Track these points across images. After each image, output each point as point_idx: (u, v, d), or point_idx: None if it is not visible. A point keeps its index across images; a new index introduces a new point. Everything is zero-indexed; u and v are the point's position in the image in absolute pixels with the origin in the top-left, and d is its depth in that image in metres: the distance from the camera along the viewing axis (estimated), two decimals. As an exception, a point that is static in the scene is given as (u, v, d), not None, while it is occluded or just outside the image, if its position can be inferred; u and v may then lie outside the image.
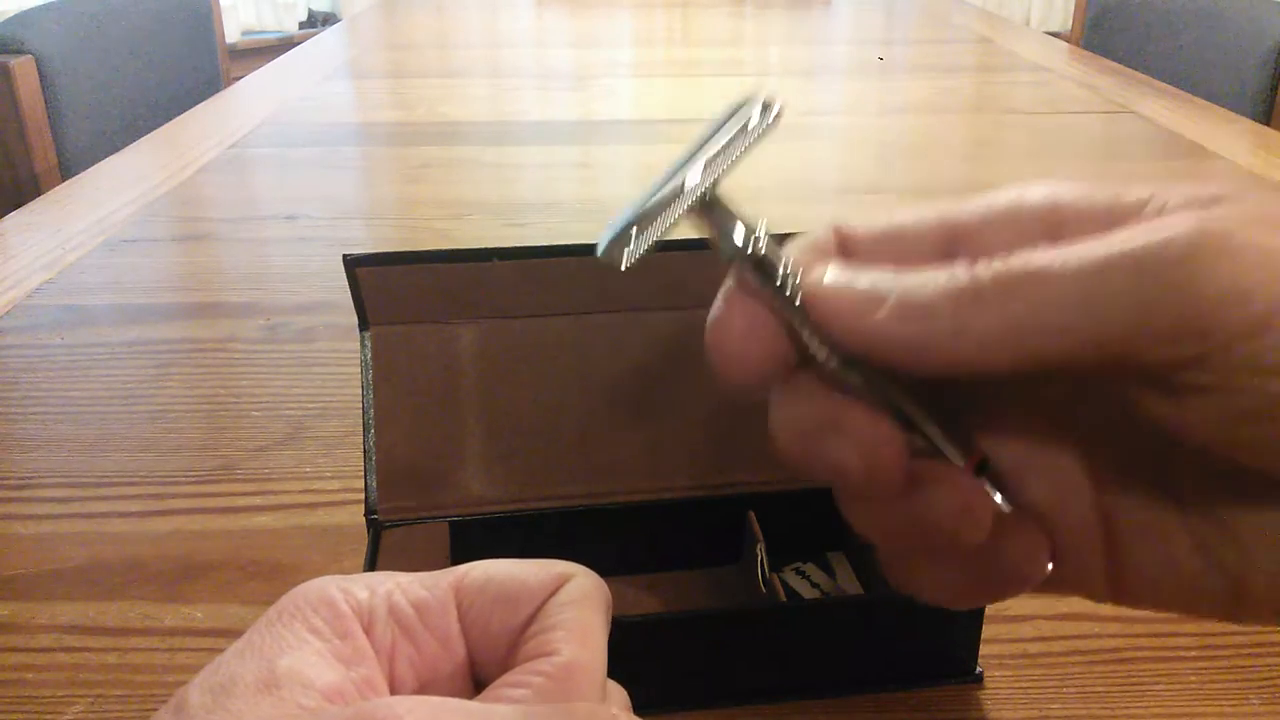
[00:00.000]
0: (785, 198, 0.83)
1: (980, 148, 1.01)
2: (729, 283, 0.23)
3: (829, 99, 1.24)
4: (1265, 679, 0.34)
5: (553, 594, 0.22)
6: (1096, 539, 0.24)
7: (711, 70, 1.38)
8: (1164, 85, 1.23)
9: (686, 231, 0.23)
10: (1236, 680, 0.33)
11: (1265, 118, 1.23)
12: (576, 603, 0.22)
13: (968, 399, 0.24)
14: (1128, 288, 0.19)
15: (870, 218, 0.25)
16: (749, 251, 0.23)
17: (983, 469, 0.23)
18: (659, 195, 0.23)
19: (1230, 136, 1.00)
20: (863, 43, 1.65)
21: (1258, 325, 0.19)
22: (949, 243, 0.24)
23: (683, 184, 0.23)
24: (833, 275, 0.22)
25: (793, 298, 0.22)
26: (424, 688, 0.21)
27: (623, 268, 0.22)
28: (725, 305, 0.23)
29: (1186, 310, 0.19)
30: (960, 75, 1.36)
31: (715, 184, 0.23)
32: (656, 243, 0.22)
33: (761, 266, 0.23)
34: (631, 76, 1.35)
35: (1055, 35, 1.83)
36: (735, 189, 0.23)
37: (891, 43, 1.66)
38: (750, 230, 0.23)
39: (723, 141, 0.23)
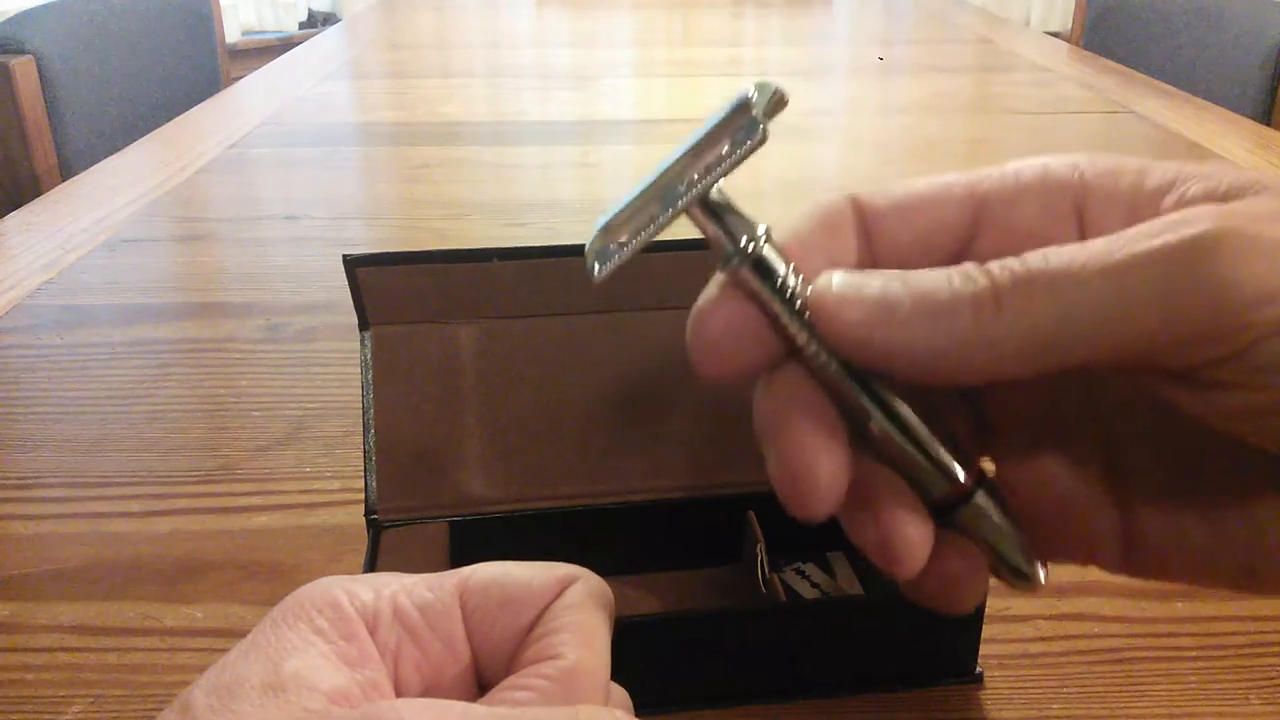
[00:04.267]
0: (785, 198, 0.83)
1: (980, 147, 1.01)
2: (720, 279, 0.22)
3: (829, 99, 1.24)
4: (1265, 679, 0.34)
5: (556, 597, 0.22)
6: (1111, 514, 0.23)
7: (711, 70, 1.38)
8: (1164, 85, 1.23)
9: (682, 231, 0.22)
10: (1236, 680, 0.33)
11: (1265, 118, 1.23)
12: (580, 606, 0.21)
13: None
14: (1153, 292, 0.19)
15: (890, 187, 0.23)
16: (749, 253, 0.21)
17: (980, 484, 0.23)
18: (654, 195, 0.22)
19: (1230, 136, 1.00)
20: (863, 43, 1.65)
21: None
22: (973, 217, 0.23)
23: (680, 183, 0.21)
24: (840, 282, 0.21)
25: (794, 302, 0.21)
26: (429, 690, 0.21)
27: (600, 276, 0.22)
28: (714, 300, 0.22)
29: (1212, 313, 0.18)
30: (960, 75, 1.36)
31: (713, 184, 0.21)
32: (645, 245, 0.21)
33: (761, 269, 0.21)
34: (631, 76, 1.35)
35: (1055, 35, 1.83)
36: (735, 188, 0.22)
37: (892, 43, 1.66)
38: (751, 232, 0.21)
39: (723, 137, 0.21)
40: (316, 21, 3.21)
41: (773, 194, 0.84)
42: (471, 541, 0.35)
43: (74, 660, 0.35)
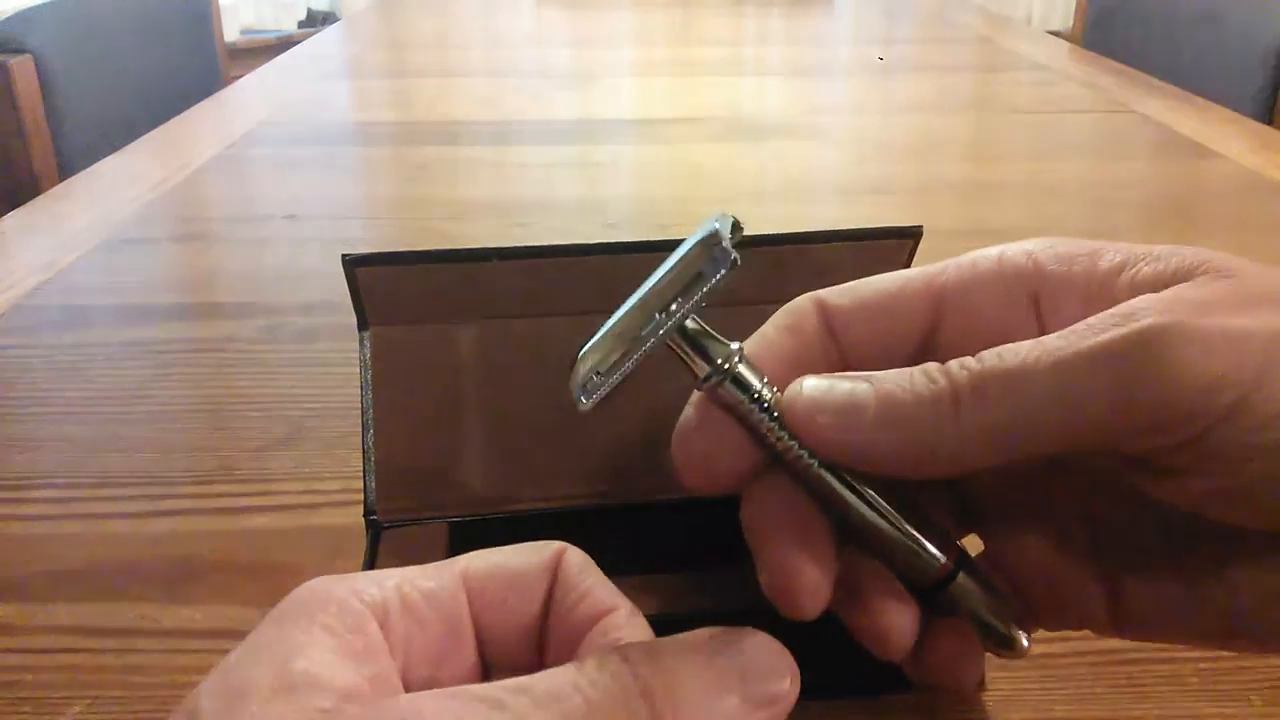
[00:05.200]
0: (785, 197, 0.83)
1: (981, 147, 1.01)
2: (699, 397, 0.24)
3: (829, 99, 1.23)
4: (1266, 680, 0.33)
5: (556, 570, 0.22)
6: (1095, 583, 0.24)
7: (711, 70, 1.38)
8: (1165, 85, 1.23)
9: (681, 230, 0.23)
10: (1238, 681, 0.33)
11: (1266, 117, 1.23)
12: (588, 567, 0.22)
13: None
14: (1100, 387, 0.20)
15: (853, 286, 0.25)
16: (725, 370, 0.23)
17: (960, 564, 0.24)
18: (630, 323, 0.23)
19: (1230, 136, 1.00)
20: (863, 42, 1.65)
21: (1229, 412, 0.19)
22: (934, 310, 0.24)
23: (655, 315, 0.23)
24: (810, 388, 0.22)
25: (771, 411, 0.23)
26: (435, 679, 0.21)
27: (587, 406, 0.23)
28: (694, 419, 0.24)
29: (1158, 405, 0.19)
30: (961, 74, 1.36)
31: (688, 315, 0.23)
32: (627, 374, 0.23)
33: (738, 384, 0.23)
34: (632, 76, 1.35)
35: (1056, 35, 1.83)
36: (737, 187, 0.23)
37: (892, 42, 1.66)
38: (725, 352, 0.23)
39: (692, 268, 0.23)
40: (316, 20, 3.21)
41: (773, 194, 0.84)
42: (471, 542, 0.35)
43: (72, 661, 0.35)
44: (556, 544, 0.23)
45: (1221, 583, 0.22)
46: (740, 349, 0.23)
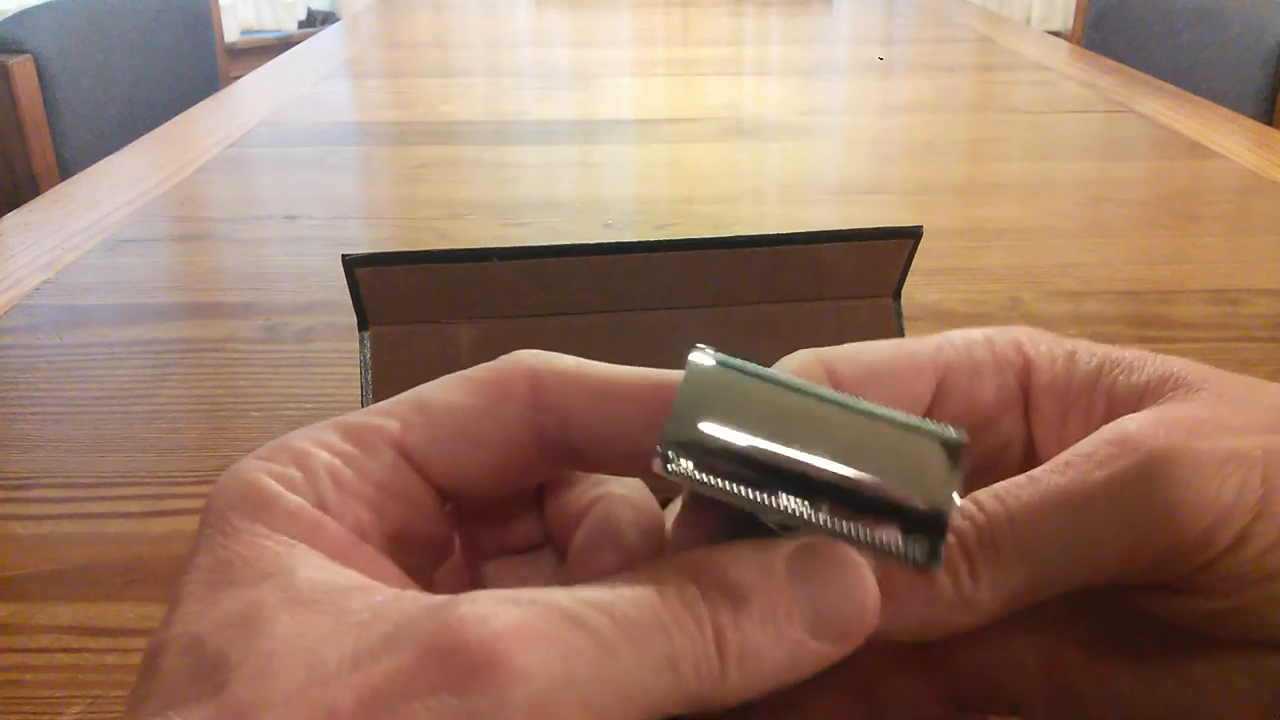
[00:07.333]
0: (785, 197, 0.83)
1: (980, 147, 1.01)
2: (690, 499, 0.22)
3: (829, 99, 1.24)
4: (1267, 680, 0.33)
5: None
6: (1041, 687, 0.23)
7: (711, 70, 1.38)
8: (1165, 84, 1.23)
9: (682, 231, 0.22)
10: (1238, 681, 0.33)
11: (1266, 117, 1.23)
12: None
13: None
14: (1117, 525, 0.19)
15: (856, 351, 0.23)
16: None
17: None
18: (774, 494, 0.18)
19: (1231, 135, 1.00)
20: (863, 42, 1.65)
21: (1237, 538, 0.19)
22: (934, 387, 0.23)
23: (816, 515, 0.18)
24: None
25: None
26: (405, 537, 0.20)
27: (660, 468, 0.20)
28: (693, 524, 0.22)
29: (1175, 538, 0.19)
30: (961, 74, 1.36)
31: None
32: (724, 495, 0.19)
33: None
34: (631, 76, 1.35)
35: (1056, 34, 1.83)
36: (739, 185, 0.21)
37: (892, 42, 1.66)
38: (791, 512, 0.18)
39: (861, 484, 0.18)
40: (315, 20, 3.21)
41: (773, 194, 0.84)
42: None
43: (73, 661, 0.35)
44: (512, 371, 0.22)
45: (1183, 686, 0.21)
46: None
